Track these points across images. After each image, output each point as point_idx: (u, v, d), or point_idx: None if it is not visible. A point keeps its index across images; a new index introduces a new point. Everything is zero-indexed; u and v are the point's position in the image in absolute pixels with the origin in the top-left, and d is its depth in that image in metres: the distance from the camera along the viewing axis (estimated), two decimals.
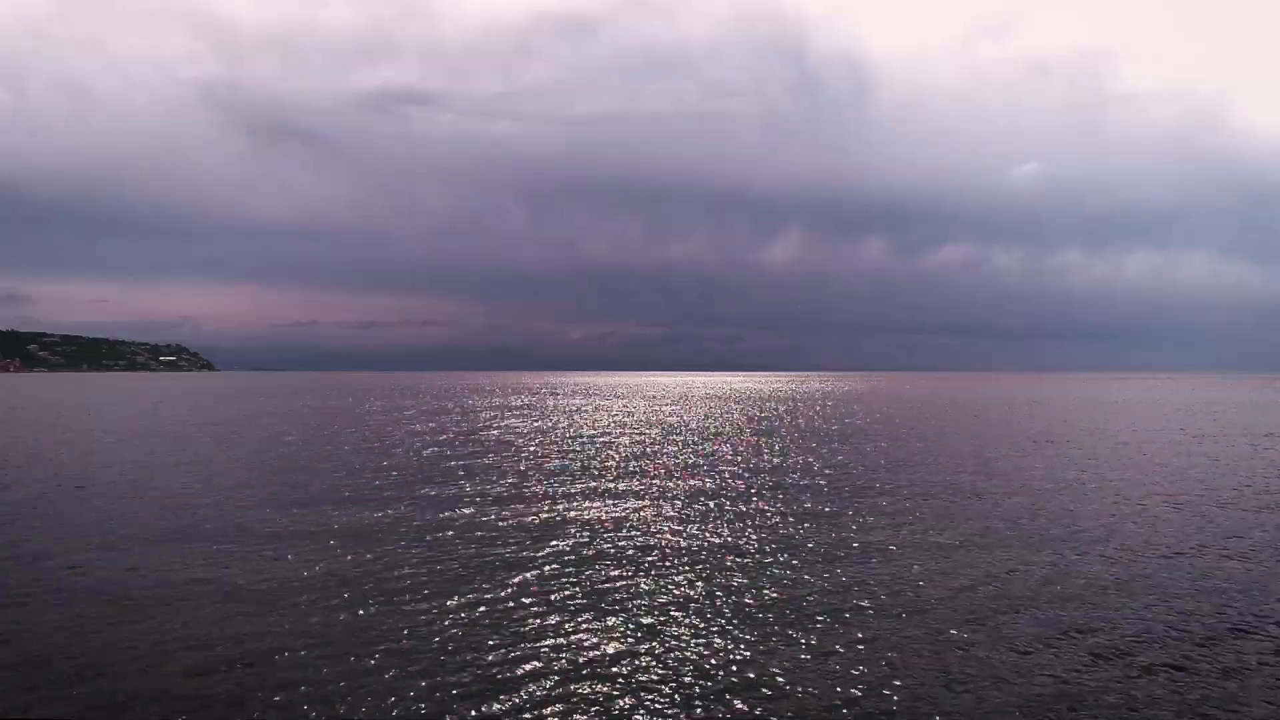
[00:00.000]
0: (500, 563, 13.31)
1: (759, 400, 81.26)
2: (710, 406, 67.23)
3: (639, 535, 15.46)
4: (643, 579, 12.34)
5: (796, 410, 61.20)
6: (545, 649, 9.40)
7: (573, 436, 36.79)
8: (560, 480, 22.63)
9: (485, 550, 14.19)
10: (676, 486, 21.56)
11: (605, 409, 62.54)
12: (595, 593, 11.67)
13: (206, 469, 25.23)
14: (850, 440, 35.06)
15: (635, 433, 38.99)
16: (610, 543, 14.79)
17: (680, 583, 12.14)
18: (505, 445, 32.58)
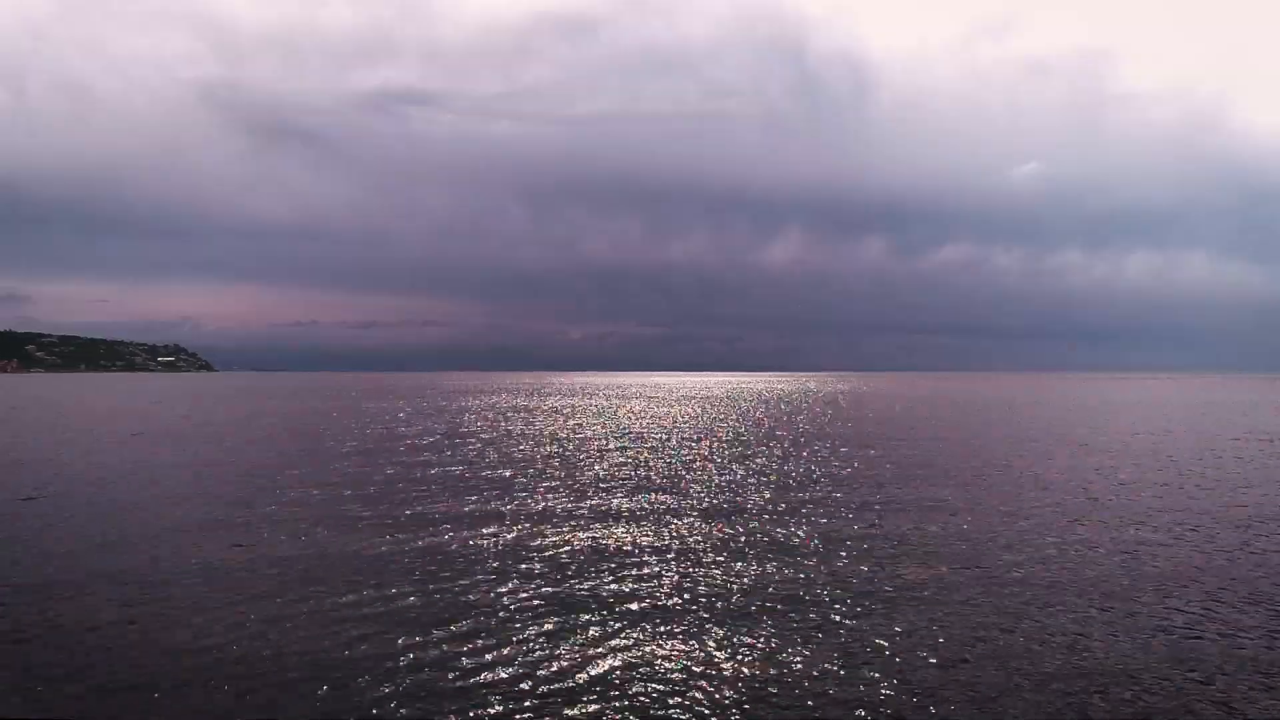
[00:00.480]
0: (486, 562, 12.89)
1: (759, 401, 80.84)
2: (710, 407, 66.79)
3: (637, 534, 15.02)
4: (637, 581, 11.93)
5: (797, 411, 60.77)
6: (533, 647, 8.99)
7: (572, 437, 36.34)
8: (559, 481, 22.19)
9: (474, 554, 13.76)
10: (673, 487, 21.10)
11: (604, 410, 62.08)
12: (594, 593, 11.22)
13: (154, 473, 24.79)
14: (850, 442, 34.62)
15: (634, 434, 38.56)
16: (609, 543, 14.35)
17: (673, 584, 11.71)
18: (503, 446, 32.13)
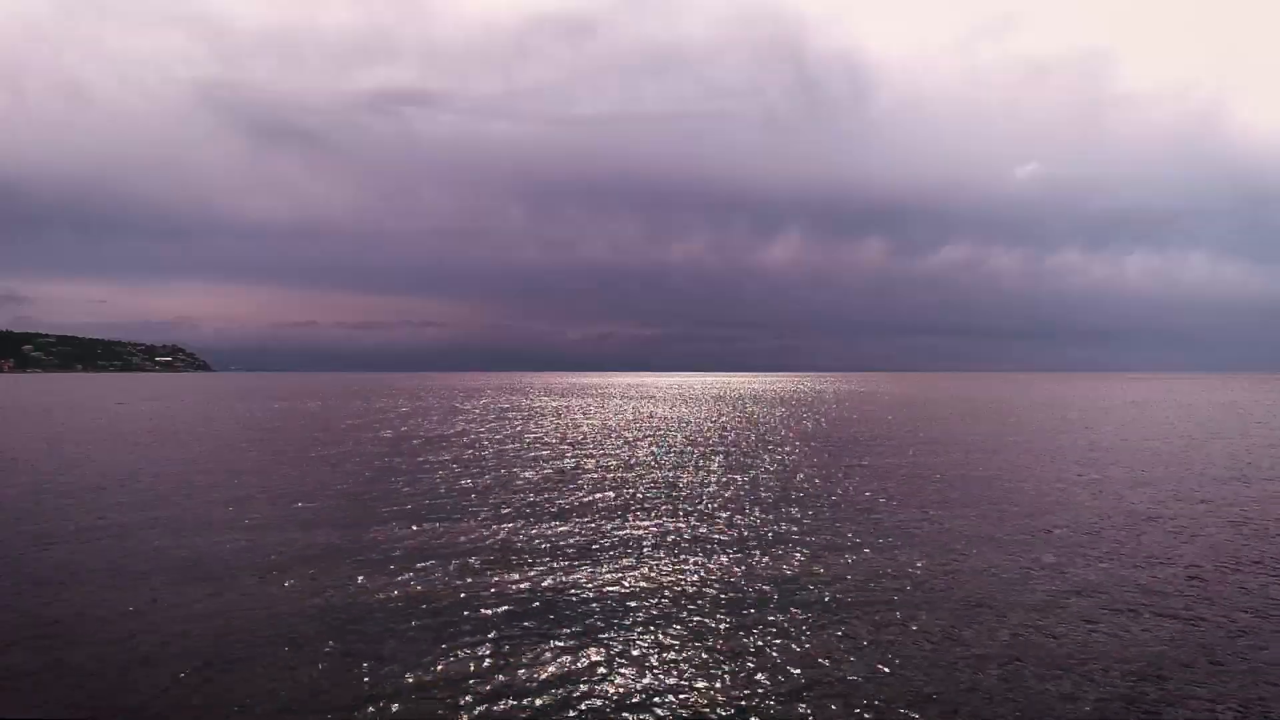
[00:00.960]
0: (468, 559, 11.96)
1: (758, 401, 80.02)
2: (709, 408, 65.95)
3: (627, 533, 14.10)
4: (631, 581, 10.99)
5: (799, 411, 59.91)
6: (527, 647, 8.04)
7: (570, 438, 35.46)
8: (549, 480, 21.27)
9: (455, 551, 12.85)
10: (668, 486, 20.21)
11: (602, 410, 61.24)
12: (579, 591, 10.48)
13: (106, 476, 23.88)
14: (850, 441, 33.75)
15: (632, 434, 37.68)
16: (595, 542, 13.45)
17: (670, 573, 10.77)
18: (500, 446, 31.24)
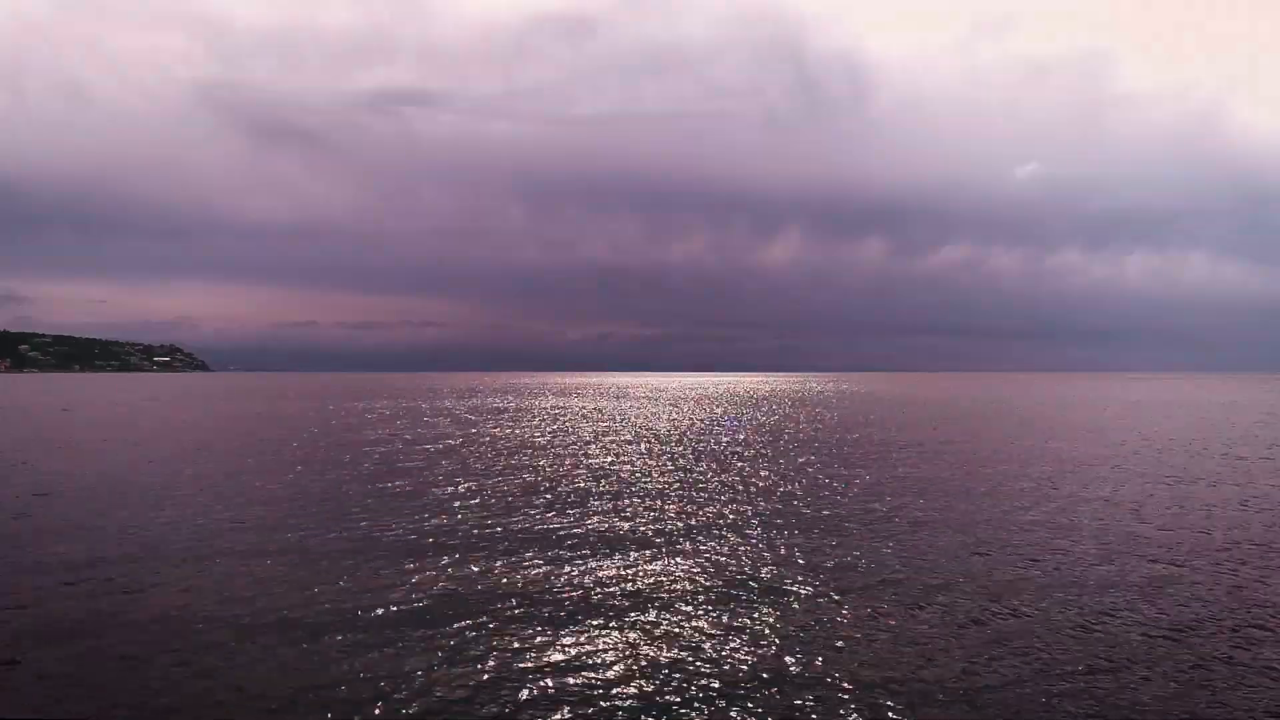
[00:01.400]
0: (475, 560, 11.29)
1: (756, 402, 79.39)
2: (710, 408, 65.29)
3: (627, 533, 13.44)
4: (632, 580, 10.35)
5: (796, 411, 59.27)
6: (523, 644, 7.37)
7: (569, 438, 34.79)
8: (546, 479, 20.61)
9: (451, 549, 12.18)
10: (665, 487, 19.53)
11: (600, 410, 60.59)
12: (579, 588, 10.33)
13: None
14: (849, 442, 33.08)
15: (630, 435, 37.01)
16: (594, 540, 12.80)
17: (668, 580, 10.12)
18: (498, 446, 30.56)
